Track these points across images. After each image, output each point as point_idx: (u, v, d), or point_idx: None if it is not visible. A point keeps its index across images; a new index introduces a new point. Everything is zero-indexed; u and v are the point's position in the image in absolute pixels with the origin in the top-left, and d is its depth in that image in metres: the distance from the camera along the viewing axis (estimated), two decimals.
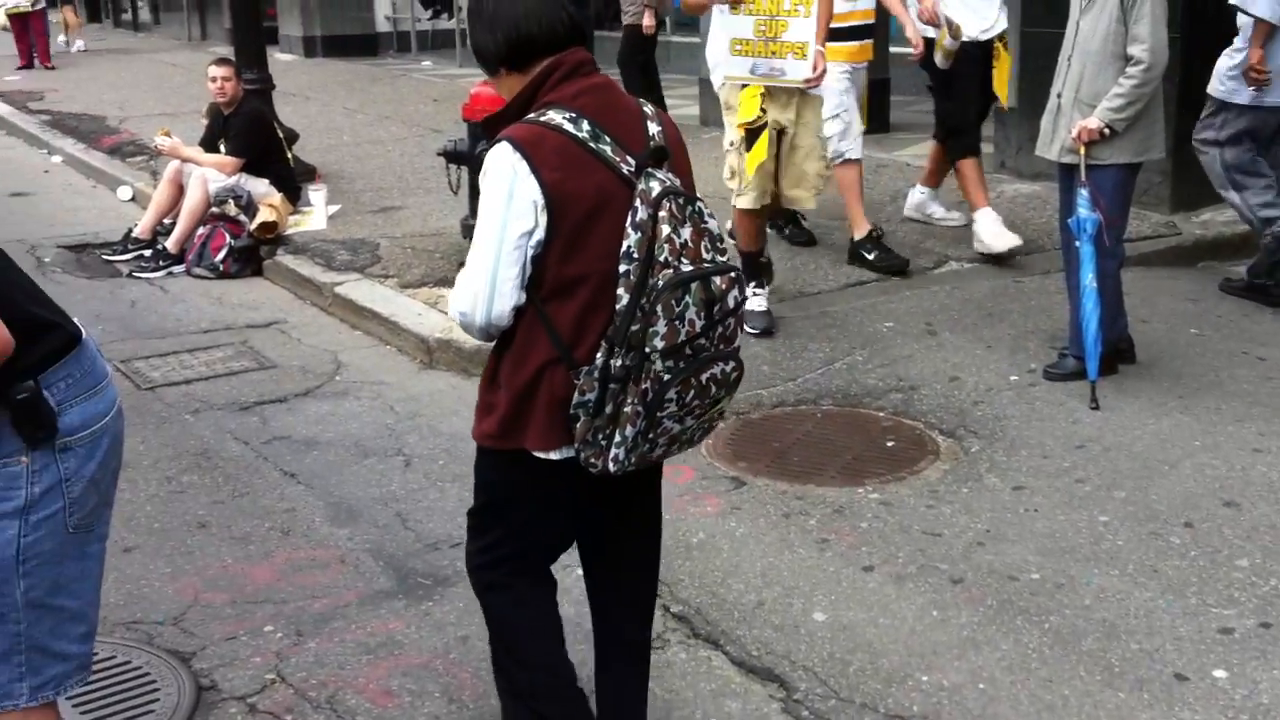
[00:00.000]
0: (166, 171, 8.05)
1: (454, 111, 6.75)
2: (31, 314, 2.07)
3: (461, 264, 2.62)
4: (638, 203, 2.32)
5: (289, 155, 8.27)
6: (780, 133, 5.54)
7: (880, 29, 10.44)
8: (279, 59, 16.01)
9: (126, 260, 7.70)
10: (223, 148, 7.81)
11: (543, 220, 2.33)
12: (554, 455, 2.46)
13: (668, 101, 11.23)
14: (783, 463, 4.55)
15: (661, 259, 2.29)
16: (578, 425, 2.38)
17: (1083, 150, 4.85)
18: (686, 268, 2.30)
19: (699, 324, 2.33)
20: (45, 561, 2.12)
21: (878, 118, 10.36)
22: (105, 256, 7.82)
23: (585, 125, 2.37)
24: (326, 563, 3.95)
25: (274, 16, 18.53)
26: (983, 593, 3.63)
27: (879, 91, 10.40)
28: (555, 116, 2.37)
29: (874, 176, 8.78)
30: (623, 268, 2.31)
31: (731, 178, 5.66)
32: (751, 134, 5.45)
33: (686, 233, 2.33)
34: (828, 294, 6.38)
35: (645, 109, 2.51)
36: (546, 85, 2.42)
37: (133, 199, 9.35)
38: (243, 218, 7.57)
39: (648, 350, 2.29)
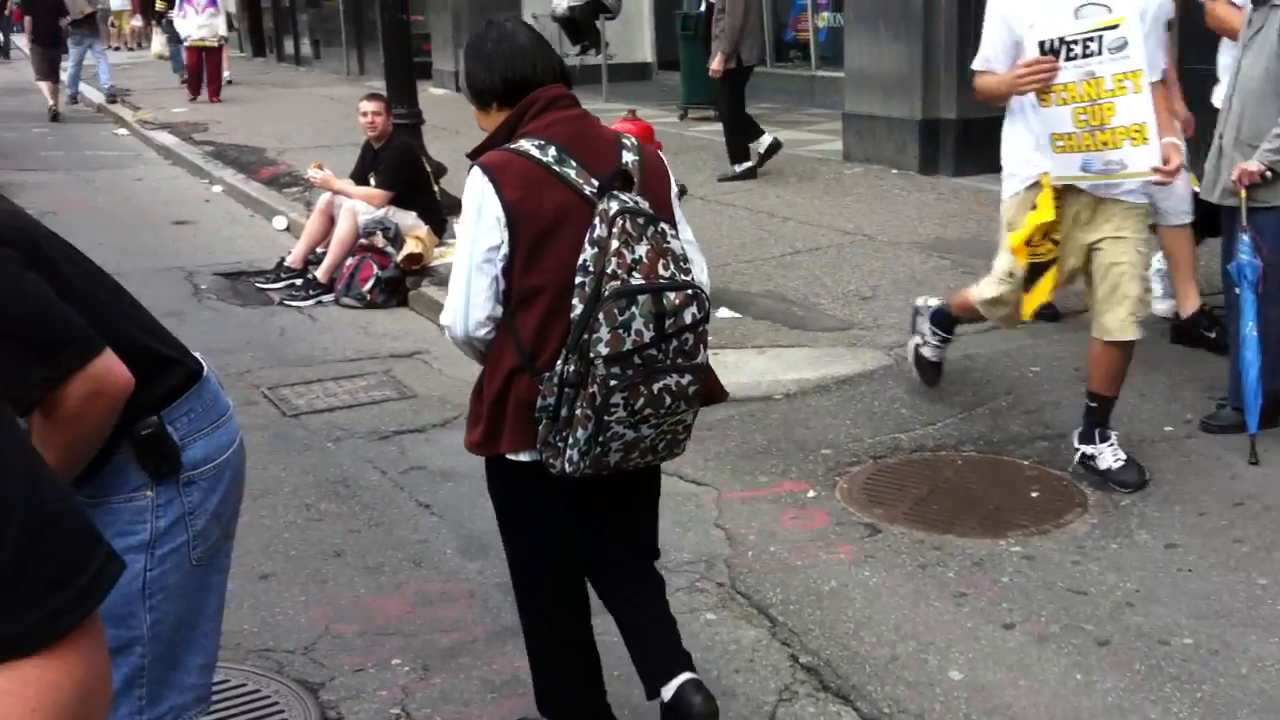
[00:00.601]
0: (319, 203, 8.28)
1: None
2: (152, 350, 2.12)
3: None
4: (596, 220, 2.54)
5: (436, 189, 8.43)
6: (1088, 258, 4.53)
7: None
8: (432, 93, 16.41)
9: (279, 288, 7.93)
10: (372, 181, 8.01)
11: (506, 236, 2.58)
12: (524, 457, 2.67)
13: (810, 135, 11.13)
14: (920, 510, 4.42)
15: (609, 271, 2.48)
16: (539, 428, 2.59)
17: (1243, 193, 4.63)
18: (637, 281, 2.48)
19: (648, 335, 2.49)
20: (170, 595, 2.15)
21: None
22: (259, 284, 8.07)
23: (552, 151, 2.62)
24: (456, 596, 3.96)
25: (429, 52, 19.02)
26: (1130, 657, 3.46)
27: None
28: (525, 144, 2.64)
29: None
30: (578, 280, 2.53)
31: (994, 305, 4.79)
32: (1036, 269, 4.51)
33: (641, 249, 2.51)
34: (970, 336, 6.20)
35: (624, 140, 2.76)
36: (526, 117, 2.69)
37: (287, 228, 9.65)
38: (390, 249, 7.74)
39: (592, 356, 2.48)
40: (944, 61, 9.90)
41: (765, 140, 10.36)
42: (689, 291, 2.54)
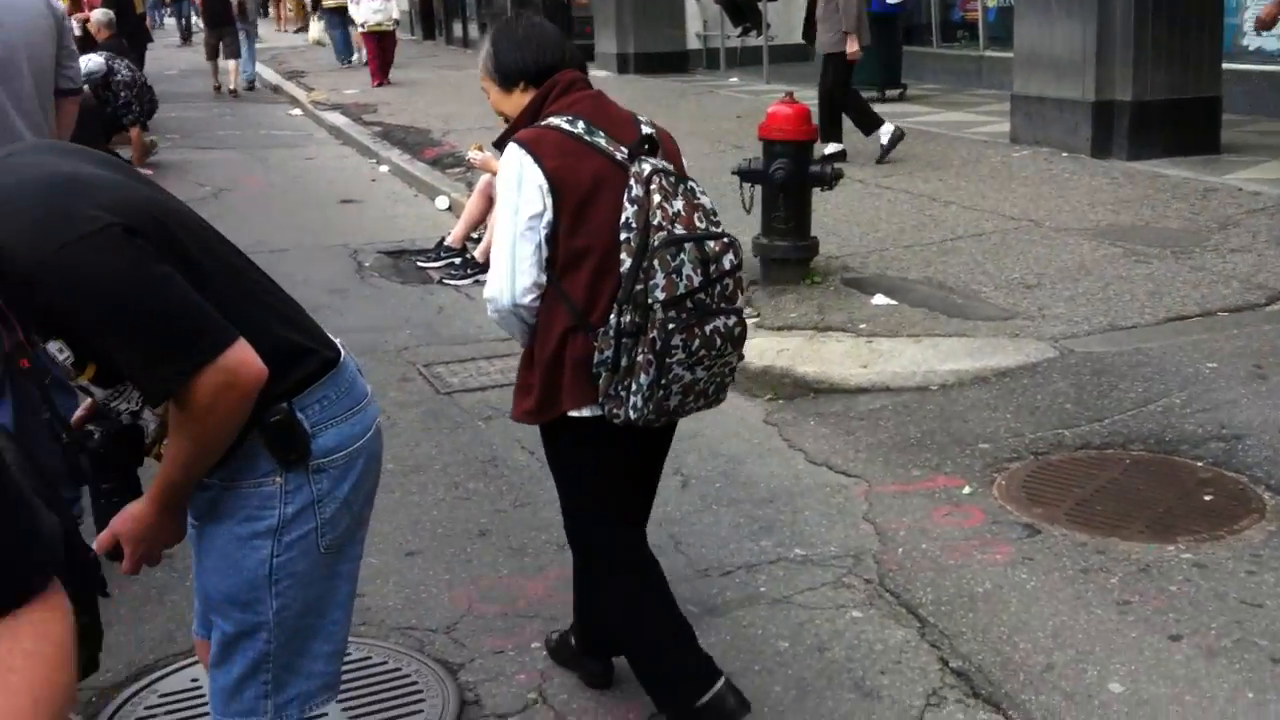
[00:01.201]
0: (478, 184, 8.36)
1: (756, 128, 6.69)
2: (288, 339, 2.09)
3: (751, 281, 2.88)
4: (632, 181, 2.69)
5: None
6: None
7: (1213, 44, 9.75)
8: (593, 75, 16.44)
9: (438, 267, 8.04)
10: None
11: (549, 202, 2.69)
12: (586, 413, 2.77)
13: (976, 117, 10.80)
14: (1084, 511, 4.22)
15: (655, 223, 2.63)
16: (600, 382, 2.69)
17: None
18: (680, 231, 2.65)
19: (696, 279, 2.64)
20: (297, 581, 2.14)
21: (1206, 138, 9.64)
22: (419, 263, 8.20)
23: (580, 124, 2.77)
24: None
25: (591, 34, 19.11)
26: None
27: (1209, 110, 9.68)
28: (554, 120, 2.80)
29: (1202, 201, 8.16)
30: (623, 236, 2.66)
31: None
32: None
33: (679, 204, 2.68)
34: (1144, 328, 5.92)
35: (640, 118, 2.90)
36: (550, 98, 2.85)
37: (449, 208, 9.79)
38: None
39: (650, 303, 2.61)
40: (1120, 40, 9.47)
41: (886, 130, 10.03)
42: (725, 239, 2.72)
